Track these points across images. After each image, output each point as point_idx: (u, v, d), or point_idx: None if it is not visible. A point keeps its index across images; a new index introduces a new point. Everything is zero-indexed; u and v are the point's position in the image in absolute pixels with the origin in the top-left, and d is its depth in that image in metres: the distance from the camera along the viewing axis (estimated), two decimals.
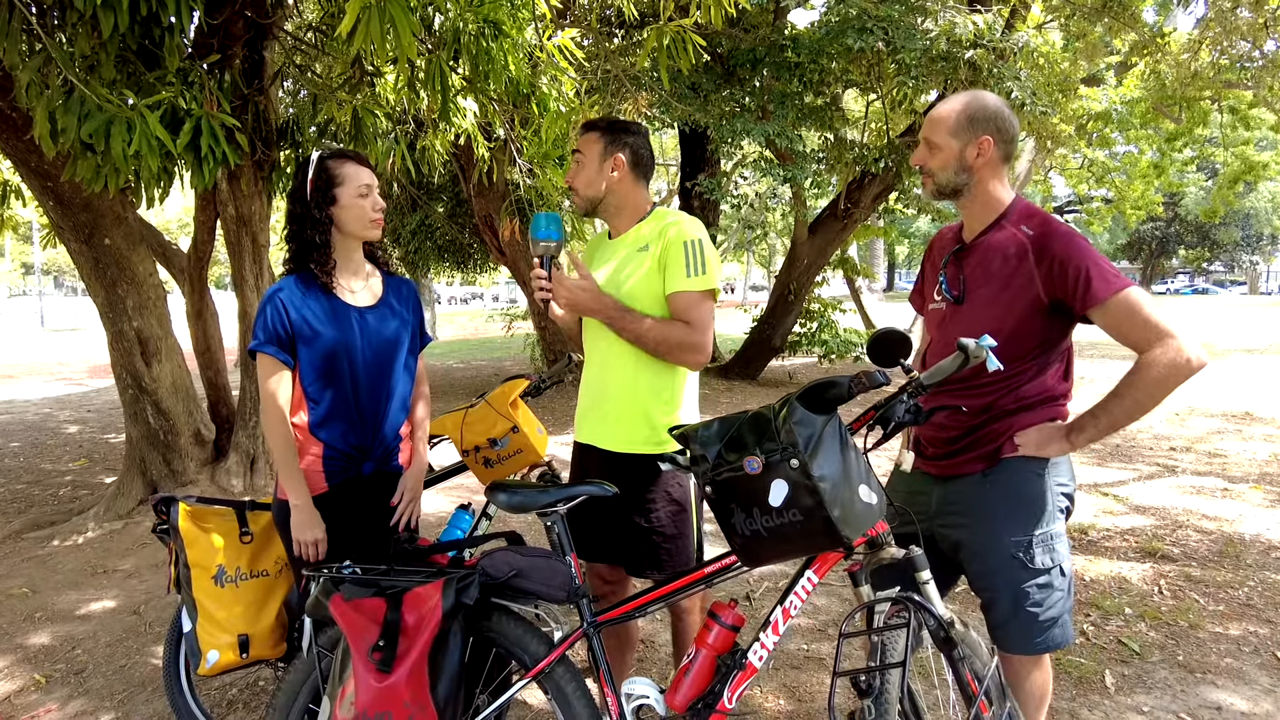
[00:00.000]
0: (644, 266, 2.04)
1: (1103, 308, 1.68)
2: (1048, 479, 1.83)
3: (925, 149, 1.86)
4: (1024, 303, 1.75)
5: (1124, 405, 1.72)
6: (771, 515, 1.51)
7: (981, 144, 1.79)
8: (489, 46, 3.42)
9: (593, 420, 2.16)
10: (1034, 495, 1.82)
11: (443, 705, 1.64)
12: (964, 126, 1.80)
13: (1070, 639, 1.86)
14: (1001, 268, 1.79)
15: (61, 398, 11.40)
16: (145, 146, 2.89)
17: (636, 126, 2.15)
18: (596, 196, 2.11)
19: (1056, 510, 1.84)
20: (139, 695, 2.84)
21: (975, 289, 1.84)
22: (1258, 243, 46.06)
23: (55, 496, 5.70)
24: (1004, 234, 1.81)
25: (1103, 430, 1.77)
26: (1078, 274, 1.68)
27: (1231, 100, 13.07)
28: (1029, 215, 1.81)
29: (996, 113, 1.80)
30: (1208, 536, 4.20)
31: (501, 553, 1.77)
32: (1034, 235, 1.76)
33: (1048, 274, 1.72)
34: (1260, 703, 2.61)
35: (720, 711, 1.70)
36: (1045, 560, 1.80)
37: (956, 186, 1.83)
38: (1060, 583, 1.82)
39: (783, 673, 2.89)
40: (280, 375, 1.99)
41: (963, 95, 1.84)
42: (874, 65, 7.81)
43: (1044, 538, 1.81)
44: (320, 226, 2.01)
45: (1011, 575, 1.80)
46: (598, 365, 2.14)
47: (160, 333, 4.89)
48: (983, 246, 1.84)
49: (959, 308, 1.86)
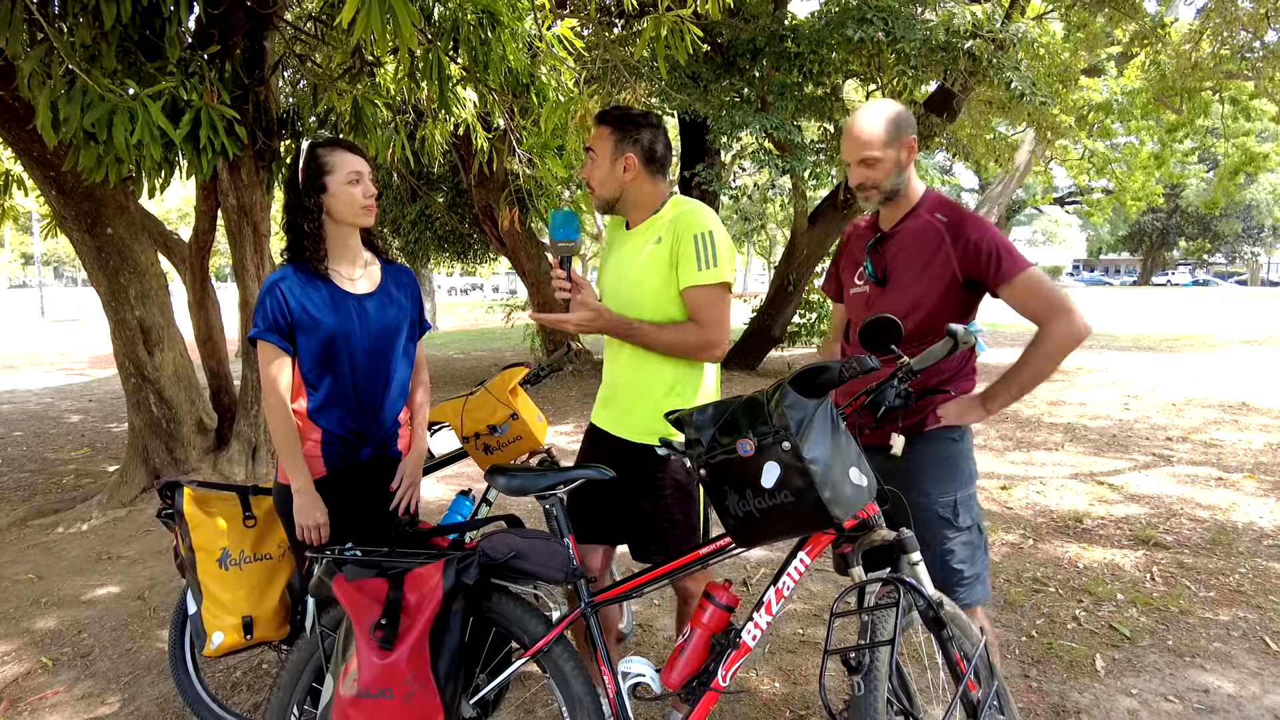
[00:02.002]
0: (654, 258, 2.04)
1: (1011, 284, 1.88)
2: (965, 444, 2.04)
3: (865, 168, 1.97)
4: (943, 281, 1.95)
5: (1030, 370, 1.92)
6: (764, 497, 1.55)
7: (909, 145, 1.97)
8: (488, 36, 3.44)
9: (610, 408, 2.20)
10: (954, 458, 2.02)
11: (443, 682, 1.68)
12: (894, 136, 1.95)
13: (989, 594, 2.06)
14: (920, 251, 1.98)
15: (63, 387, 11.44)
16: (147, 136, 2.91)
17: (649, 118, 2.10)
18: (612, 197, 2.11)
19: (972, 472, 2.05)
20: (145, 677, 2.89)
21: (897, 271, 2.01)
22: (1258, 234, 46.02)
23: (59, 485, 5.74)
24: (920, 222, 2.00)
25: (1013, 395, 1.96)
26: (990, 254, 1.89)
27: (1232, 91, 13.05)
28: (941, 205, 2.00)
29: (905, 113, 2.00)
30: (1201, 525, 4.24)
31: (501, 535, 1.81)
32: (948, 222, 1.96)
33: (963, 255, 1.92)
34: (1247, 685, 2.66)
35: (714, 690, 1.74)
36: (966, 519, 2.00)
37: (896, 188, 1.99)
38: (978, 540, 2.03)
39: (778, 656, 2.93)
40: (280, 362, 2.02)
41: (877, 108, 1.98)
42: (874, 56, 7.80)
43: (965, 498, 2.01)
44: (311, 214, 2.03)
45: (939, 532, 1.97)
46: (613, 356, 2.18)
47: (162, 322, 4.92)
48: (901, 233, 2.02)
49: (883, 289, 2.03)
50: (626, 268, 2.11)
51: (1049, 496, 4.85)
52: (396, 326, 2.15)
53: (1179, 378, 9.55)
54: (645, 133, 2.07)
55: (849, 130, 1.98)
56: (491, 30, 3.46)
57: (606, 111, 2.12)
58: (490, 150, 5.08)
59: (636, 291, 2.07)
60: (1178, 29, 10.90)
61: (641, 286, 2.06)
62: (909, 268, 1.99)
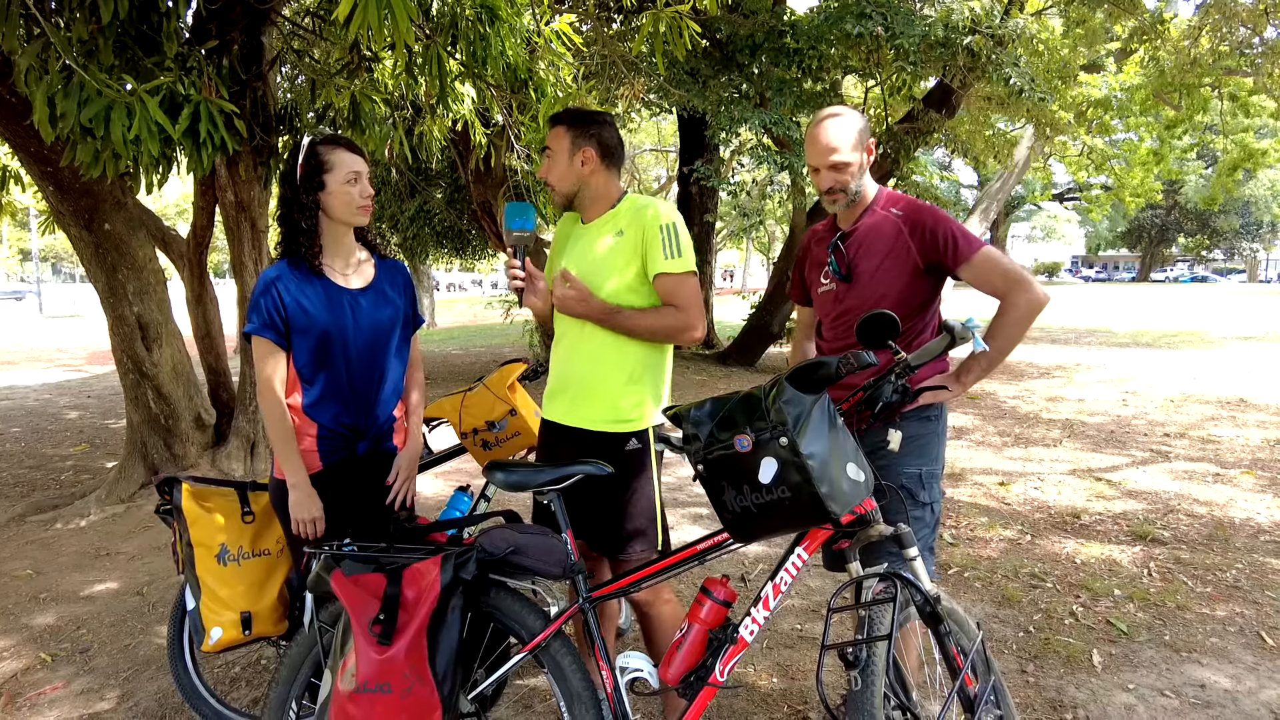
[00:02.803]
0: (616, 250, 2.07)
1: (969, 263, 1.99)
2: (938, 425, 2.10)
3: (835, 172, 2.05)
4: (906, 270, 2.04)
5: (997, 344, 1.98)
6: (761, 492, 1.55)
7: (869, 148, 2.09)
8: (486, 32, 3.43)
9: (562, 399, 2.18)
10: (925, 437, 2.09)
11: (441, 677, 1.68)
12: (860, 140, 2.06)
13: (931, 573, 2.05)
14: (881, 245, 2.07)
15: (61, 384, 11.43)
16: (144, 131, 2.91)
17: (602, 116, 2.15)
18: (571, 191, 2.14)
19: (940, 455, 2.12)
20: (144, 673, 2.89)
21: (861, 266, 2.09)
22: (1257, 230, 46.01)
23: (57, 481, 5.74)
24: (876, 218, 2.10)
25: (984, 370, 2.03)
26: (946, 238, 2.00)
27: (1231, 87, 13.02)
28: (893, 200, 2.10)
29: (865, 120, 2.10)
30: (1198, 521, 4.25)
31: (499, 530, 1.81)
32: (904, 215, 2.06)
33: (921, 242, 2.02)
34: (1243, 680, 2.67)
35: (712, 684, 1.74)
36: (924, 496, 2.08)
37: (859, 190, 2.09)
38: (930, 520, 2.09)
39: (776, 651, 2.94)
40: (275, 358, 2.02)
41: (840, 117, 2.06)
42: (873, 51, 7.79)
43: (929, 474, 2.08)
44: (308, 211, 2.03)
45: (897, 505, 1.97)
46: (571, 347, 2.17)
47: (160, 318, 4.91)
48: (860, 231, 2.11)
49: (849, 285, 2.11)
50: (588, 260, 2.12)
51: (1047, 492, 4.85)
52: (391, 322, 2.15)
53: (1177, 374, 9.56)
54: (600, 129, 2.12)
55: (815, 138, 2.07)
56: (490, 25, 3.45)
57: (559, 113, 2.16)
58: (489, 146, 5.07)
59: (601, 283, 2.08)
60: (1177, 25, 10.89)
61: (605, 277, 2.07)
62: (871, 261, 2.08)
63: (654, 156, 27.77)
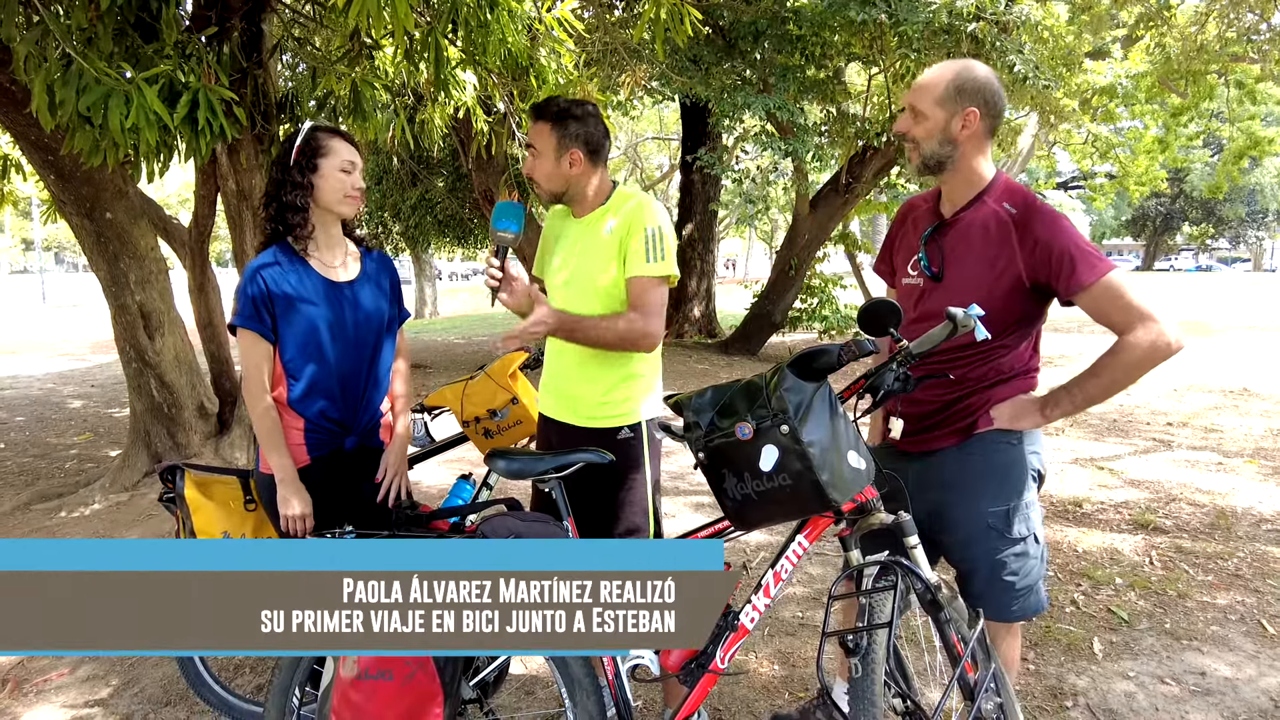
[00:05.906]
0: (604, 246, 2.06)
1: (1087, 292, 1.68)
2: (1022, 449, 1.85)
3: (910, 116, 1.82)
4: (1006, 283, 1.74)
5: (1100, 383, 1.75)
6: (762, 479, 1.55)
7: (968, 116, 1.75)
8: (487, 18, 3.41)
9: (552, 395, 2.19)
10: (1008, 465, 1.84)
11: (442, 664, 1.69)
12: (951, 96, 1.76)
13: (1045, 605, 1.91)
14: (983, 246, 1.77)
15: (65, 373, 11.45)
16: (143, 120, 2.89)
17: (585, 107, 2.10)
18: (559, 191, 2.12)
19: (1030, 480, 1.87)
20: (148, 659, 2.90)
21: (955, 267, 1.82)
22: (1263, 219, 45.76)
23: (61, 469, 5.76)
24: (985, 210, 1.79)
25: (1077, 406, 1.79)
26: (1062, 258, 1.68)
27: (1238, 74, 12.92)
28: (1011, 192, 1.79)
29: (985, 84, 1.77)
30: (1200, 509, 4.25)
31: (501, 518, 1.82)
32: (1016, 214, 1.74)
33: (1030, 255, 1.71)
34: (1243, 668, 2.67)
35: (713, 671, 1.75)
36: (1021, 529, 1.84)
37: (940, 159, 1.80)
38: (1035, 550, 1.86)
39: (777, 639, 2.95)
40: (262, 350, 2.00)
41: (954, 64, 1.80)
42: (876, 38, 7.74)
43: (1019, 507, 1.84)
44: (300, 191, 2.01)
45: (989, 545, 1.84)
46: (555, 345, 2.17)
47: (163, 307, 4.91)
48: (963, 223, 1.82)
49: (937, 284, 1.85)
50: (586, 256, 2.11)
51: (1049, 481, 4.83)
52: (379, 314, 2.14)
53: (1180, 362, 9.53)
54: (584, 126, 2.06)
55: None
56: (490, 12, 3.43)
57: (542, 106, 2.09)
58: (490, 134, 5.05)
59: (598, 276, 2.07)
60: (1183, 12, 10.79)
61: (602, 270, 2.06)
62: (968, 264, 1.79)
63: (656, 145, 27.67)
